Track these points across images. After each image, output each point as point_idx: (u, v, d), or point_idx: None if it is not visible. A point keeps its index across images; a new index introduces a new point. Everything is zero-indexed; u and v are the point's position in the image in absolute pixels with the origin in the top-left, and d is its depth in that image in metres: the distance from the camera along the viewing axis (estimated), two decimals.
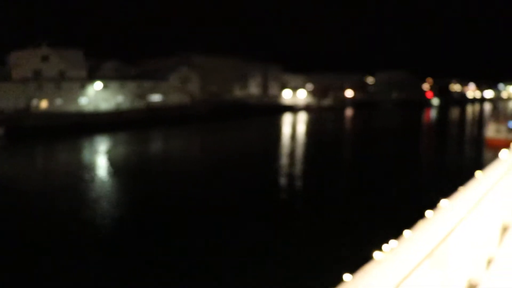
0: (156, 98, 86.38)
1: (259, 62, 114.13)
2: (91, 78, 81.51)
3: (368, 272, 2.41)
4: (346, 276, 2.39)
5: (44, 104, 71.26)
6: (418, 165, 40.52)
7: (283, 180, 31.69)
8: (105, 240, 18.65)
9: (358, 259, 4.16)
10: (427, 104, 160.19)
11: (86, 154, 45.34)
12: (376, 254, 2.78)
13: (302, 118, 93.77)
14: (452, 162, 42.93)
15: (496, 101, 55.75)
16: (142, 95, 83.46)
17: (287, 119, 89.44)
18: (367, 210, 22.56)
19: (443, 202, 4.26)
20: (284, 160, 40.59)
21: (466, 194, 4.50)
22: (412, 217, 5.60)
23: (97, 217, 22.13)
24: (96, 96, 78.13)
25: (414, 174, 34.69)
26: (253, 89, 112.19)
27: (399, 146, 52.29)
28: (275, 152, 44.99)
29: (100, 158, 42.27)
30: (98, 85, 78.54)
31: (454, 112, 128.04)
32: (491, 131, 50.63)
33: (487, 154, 45.61)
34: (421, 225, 3.43)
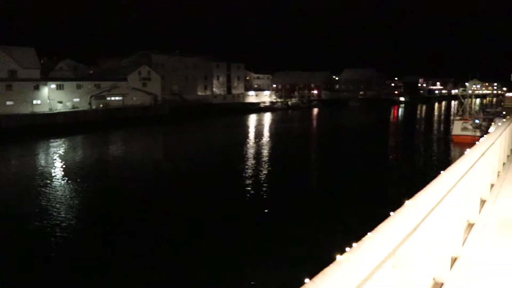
0: (115, 98, 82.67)
1: (223, 61, 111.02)
2: (45, 78, 77.08)
3: (329, 273, 2.31)
4: (307, 279, 2.24)
5: None
6: (382, 168, 38.67)
7: (232, 191, 29.38)
8: None
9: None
10: (395, 101, 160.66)
11: (32, 162, 41.68)
12: (337, 255, 2.53)
13: (267, 118, 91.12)
14: (418, 161, 41.95)
15: (462, 98, 55.54)
16: (100, 96, 79.68)
17: (251, 120, 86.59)
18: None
19: (406, 202, 3.79)
20: (239, 166, 38.37)
21: (429, 192, 4.17)
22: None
23: None
24: (51, 97, 74.03)
25: (375, 177, 33.03)
26: (217, 88, 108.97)
27: (363, 146, 50.82)
28: (232, 158, 43.07)
29: (46, 166, 39.08)
30: (52, 85, 74.52)
31: (422, 110, 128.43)
32: (457, 128, 50.38)
33: (453, 151, 44.87)
34: (383, 225, 3.15)
